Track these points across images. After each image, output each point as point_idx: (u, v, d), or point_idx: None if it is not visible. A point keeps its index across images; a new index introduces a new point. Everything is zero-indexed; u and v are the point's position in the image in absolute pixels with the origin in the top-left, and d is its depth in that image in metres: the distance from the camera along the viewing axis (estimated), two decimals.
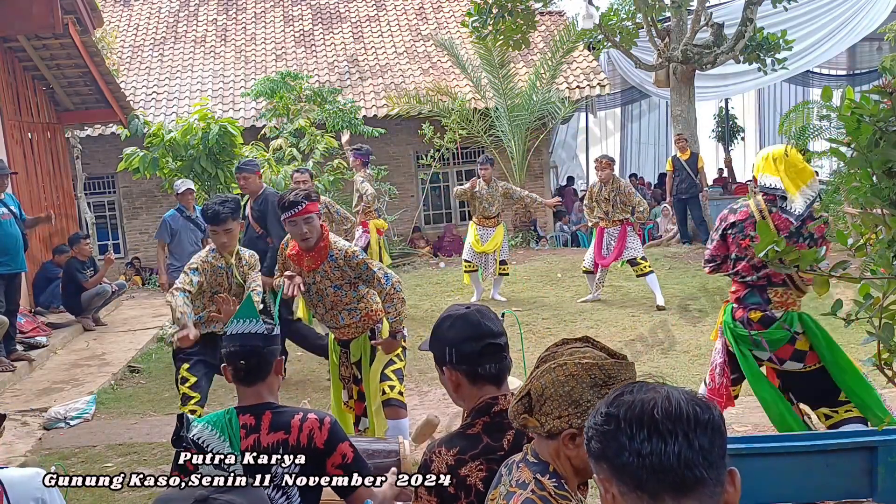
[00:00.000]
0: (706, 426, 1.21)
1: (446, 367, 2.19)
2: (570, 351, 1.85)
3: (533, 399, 1.80)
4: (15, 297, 7.71)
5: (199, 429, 2.54)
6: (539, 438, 1.81)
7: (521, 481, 1.78)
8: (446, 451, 2.12)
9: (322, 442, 2.51)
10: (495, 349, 2.16)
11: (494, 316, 2.24)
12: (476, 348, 2.14)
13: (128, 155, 10.12)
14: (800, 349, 4.09)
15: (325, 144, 12.13)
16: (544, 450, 1.80)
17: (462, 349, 2.15)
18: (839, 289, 6.78)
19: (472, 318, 2.18)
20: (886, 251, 2.49)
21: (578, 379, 1.76)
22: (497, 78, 14.54)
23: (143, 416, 6.51)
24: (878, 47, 17.81)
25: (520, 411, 1.82)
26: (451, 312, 2.24)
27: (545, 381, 1.79)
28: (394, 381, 4.48)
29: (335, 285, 4.40)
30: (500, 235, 9.41)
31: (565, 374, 1.78)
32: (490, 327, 2.18)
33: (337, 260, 4.34)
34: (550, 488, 1.74)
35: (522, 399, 1.82)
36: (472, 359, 2.14)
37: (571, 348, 1.86)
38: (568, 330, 8.21)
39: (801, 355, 4.09)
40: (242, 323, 2.61)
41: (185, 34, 17.59)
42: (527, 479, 1.77)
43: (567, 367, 1.78)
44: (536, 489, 1.74)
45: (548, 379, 1.79)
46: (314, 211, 4.30)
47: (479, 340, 2.15)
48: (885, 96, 2.52)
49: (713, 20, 12.74)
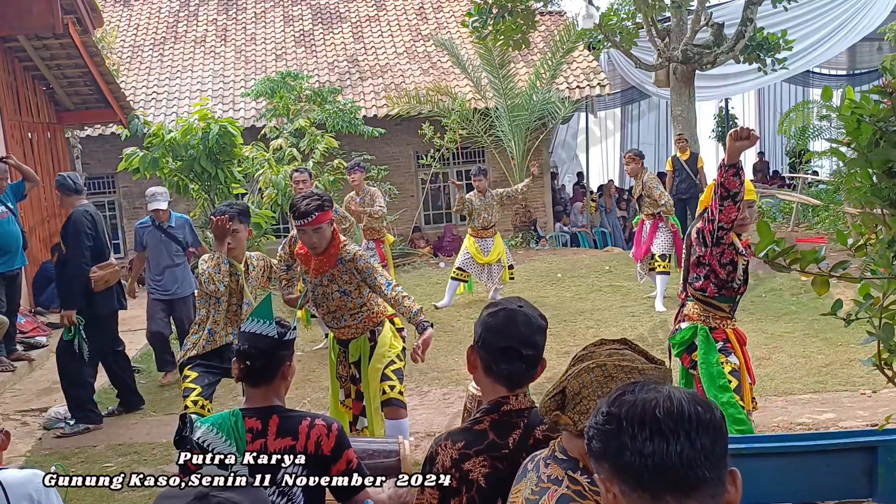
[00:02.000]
0: (708, 426, 1.21)
1: (474, 345, 2.24)
2: (608, 352, 1.85)
3: (567, 397, 1.82)
4: (15, 297, 7.71)
5: (203, 431, 2.51)
6: (569, 436, 1.82)
7: (553, 477, 1.79)
8: (451, 445, 2.15)
9: (329, 449, 2.50)
10: (514, 354, 2.16)
11: (539, 326, 2.22)
12: (498, 344, 2.16)
13: (128, 155, 10.11)
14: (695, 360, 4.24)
15: (325, 144, 12.12)
16: (574, 447, 1.81)
17: (488, 338, 2.19)
18: (839, 289, 6.81)
19: (514, 316, 2.19)
20: (886, 251, 2.49)
21: (617, 381, 1.77)
22: (497, 78, 14.54)
23: (143, 416, 6.51)
24: (878, 47, 17.81)
25: (552, 408, 1.83)
26: (507, 304, 2.26)
27: (583, 380, 1.80)
28: (394, 381, 4.48)
29: (343, 290, 4.40)
30: (500, 244, 9.43)
31: (604, 375, 1.78)
32: (522, 332, 2.17)
33: (346, 263, 4.34)
34: (584, 483, 1.75)
35: (556, 396, 1.84)
36: (491, 352, 2.18)
37: (610, 349, 1.87)
38: (568, 330, 8.22)
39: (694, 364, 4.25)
40: (256, 323, 2.58)
41: (185, 34, 17.59)
42: (559, 475, 1.78)
43: (606, 368, 1.79)
44: (571, 485, 1.75)
45: (586, 378, 1.80)
46: (325, 221, 4.25)
47: (505, 339, 2.16)
48: (885, 96, 2.52)
49: (713, 20, 12.73)
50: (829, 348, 7.02)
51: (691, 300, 4.26)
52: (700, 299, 4.19)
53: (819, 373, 6.43)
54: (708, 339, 4.17)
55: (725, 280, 4.09)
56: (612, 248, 14.71)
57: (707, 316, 4.20)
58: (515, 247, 14.31)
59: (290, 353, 2.63)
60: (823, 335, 7.36)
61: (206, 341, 4.59)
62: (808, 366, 6.63)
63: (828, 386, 6.12)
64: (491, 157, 15.55)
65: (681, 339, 4.29)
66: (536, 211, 15.70)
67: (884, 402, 5.52)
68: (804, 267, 2.41)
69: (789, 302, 8.75)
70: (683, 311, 4.32)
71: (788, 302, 8.75)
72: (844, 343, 6.99)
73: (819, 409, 5.58)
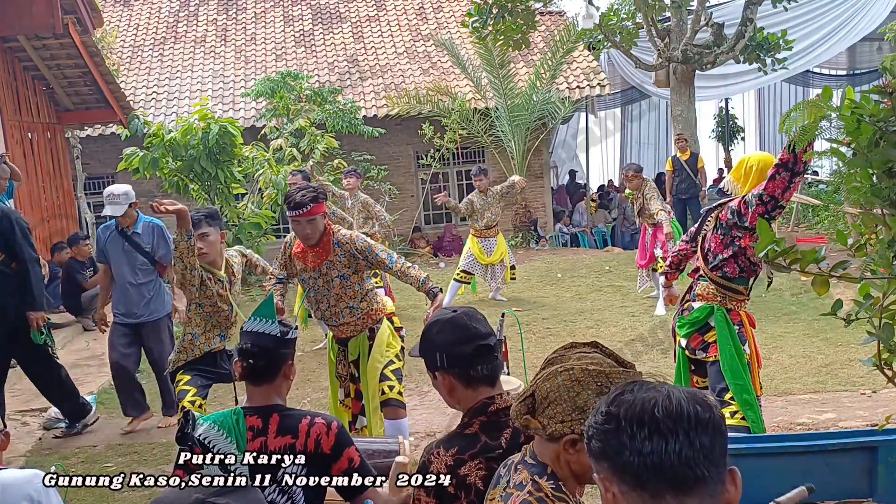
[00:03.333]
0: (707, 425, 1.21)
1: (438, 371, 2.19)
2: (577, 355, 1.83)
3: (537, 401, 1.80)
4: None
5: (205, 428, 2.51)
6: (539, 440, 1.81)
7: (518, 482, 1.79)
8: (445, 452, 2.12)
9: (329, 447, 2.50)
10: (486, 350, 2.16)
11: (482, 317, 2.24)
12: (467, 351, 2.14)
13: (128, 155, 10.12)
14: (707, 341, 4.32)
15: (325, 144, 12.13)
16: (544, 452, 1.80)
17: (453, 353, 2.15)
18: (839, 289, 6.81)
19: (459, 321, 2.19)
20: (886, 251, 2.49)
21: (584, 385, 1.75)
22: (497, 78, 14.54)
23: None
24: (878, 47, 17.81)
25: (522, 412, 1.81)
26: (439, 317, 2.24)
27: (550, 384, 1.78)
28: (393, 382, 4.49)
29: (342, 275, 4.42)
30: (503, 243, 9.41)
31: (571, 380, 1.76)
32: (478, 329, 2.18)
33: (343, 245, 4.39)
34: (548, 490, 1.74)
35: (526, 400, 1.82)
36: (464, 361, 2.14)
37: (580, 353, 1.85)
38: (568, 330, 8.22)
39: (706, 346, 4.32)
40: (258, 321, 2.58)
41: (185, 34, 17.59)
42: (524, 480, 1.77)
43: (574, 372, 1.77)
44: (534, 490, 1.74)
45: (553, 383, 1.77)
46: (319, 213, 4.31)
47: (469, 343, 2.15)
48: (885, 96, 2.52)
49: (713, 20, 12.73)
50: (829, 348, 7.02)
51: (705, 280, 4.30)
52: (717, 281, 4.24)
53: (819, 373, 6.43)
54: (727, 321, 4.22)
55: (753, 261, 4.15)
56: (612, 248, 14.72)
57: (724, 297, 4.26)
58: (515, 247, 14.32)
59: (291, 353, 2.64)
60: (823, 335, 7.36)
61: (191, 345, 4.66)
62: (808, 366, 6.64)
63: (828, 386, 6.12)
64: (491, 157, 15.55)
65: (695, 318, 4.32)
66: (536, 211, 15.70)
67: (884, 402, 5.52)
68: (804, 267, 2.41)
69: (789, 302, 8.75)
70: (696, 291, 4.36)
71: (788, 302, 8.75)
72: (844, 343, 6.99)
73: (819, 409, 5.58)
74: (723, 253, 4.20)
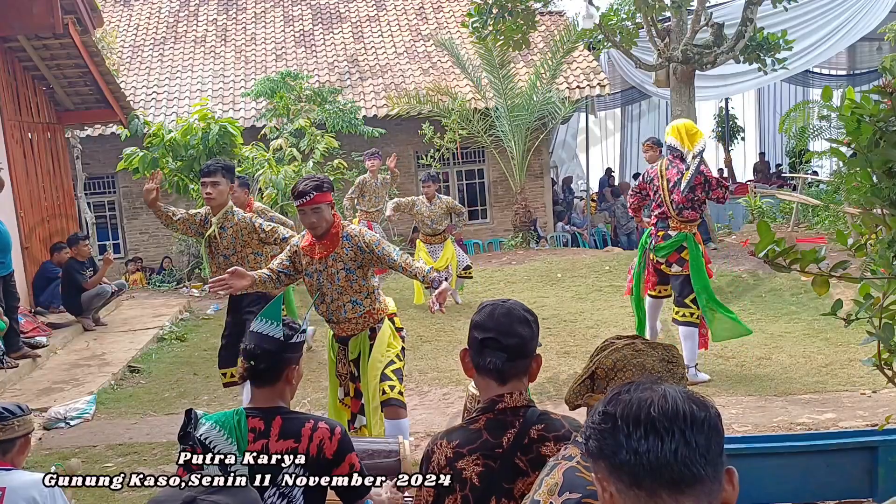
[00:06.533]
0: (703, 424, 1.21)
1: (466, 348, 2.29)
2: (628, 340, 2.03)
3: (599, 377, 1.95)
4: (13, 297, 7.72)
5: (206, 428, 2.51)
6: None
7: (567, 455, 1.84)
8: (447, 444, 2.18)
9: (332, 453, 2.49)
10: (495, 345, 2.17)
11: (524, 318, 2.22)
12: (480, 338, 2.19)
13: (128, 155, 10.12)
14: (683, 258, 6.36)
15: (325, 144, 12.12)
16: None
17: (471, 335, 2.24)
18: (839, 289, 6.81)
19: (494, 309, 2.24)
20: (886, 251, 2.49)
21: (647, 354, 1.96)
22: (497, 78, 14.54)
23: (143, 416, 6.50)
24: (878, 47, 17.81)
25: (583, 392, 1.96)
26: (493, 301, 2.32)
27: (616, 356, 1.95)
28: (394, 381, 4.49)
29: (348, 268, 4.43)
30: (448, 250, 9.45)
31: (634, 349, 1.97)
32: (501, 322, 2.19)
33: (351, 238, 4.41)
34: None
35: (585, 381, 1.97)
36: (475, 347, 2.21)
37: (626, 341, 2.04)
38: (568, 330, 8.22)
39: (682, 262, 6.37)
40: (264, 323, 2.56)
41: (185, 34, 17.59)
42: (574, 453, 1.83)
43: (636, 344, 1.98)
44: (582, 461, 1.77)
45: (618, 355, 1.95)
46: (323, 201, 4.33)
47: (484, 331, 2.19)
48: (885, 96, 2.52)
49: (713, 20, 12.72)
50: (829, 348, 7.02)
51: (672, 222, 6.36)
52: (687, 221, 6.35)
53: (819, 373, 6.43)
54: (695, 242, 6.33)
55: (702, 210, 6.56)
56: (611, 248, 14.71)
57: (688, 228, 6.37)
58: (515, 247, 14.32)
59: (296, 357, 2.59)
60: (823, 335, 7.36)
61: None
62: (808, 366, 6.63)
63: (828, 386, 6.12)
64: (491, 157, 15.55)
65: (673, 241, 6.35)
66: (536, 211, 15.70)
67: (884, 402, 5.52)
68: (804, 267, 2.41)
69: (789, 302, 8.75)
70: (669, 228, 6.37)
71: (788, 302, 8.75)
72: (844, 343, 6.99)
73: (819, 409, 5.58)
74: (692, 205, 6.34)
